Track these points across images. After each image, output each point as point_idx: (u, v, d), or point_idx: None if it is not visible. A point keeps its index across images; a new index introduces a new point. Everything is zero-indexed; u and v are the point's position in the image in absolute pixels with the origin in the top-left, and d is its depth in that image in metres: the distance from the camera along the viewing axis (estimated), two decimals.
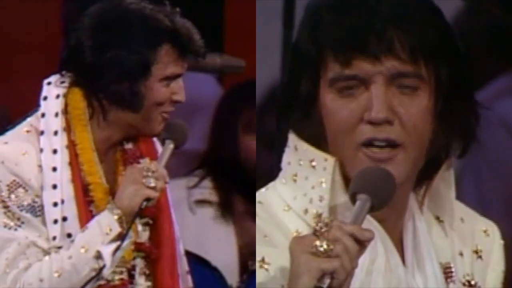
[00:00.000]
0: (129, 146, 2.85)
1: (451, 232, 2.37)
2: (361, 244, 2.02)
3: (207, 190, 4.66)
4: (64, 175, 2.71)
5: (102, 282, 2.69)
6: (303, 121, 2.26)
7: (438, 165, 2.29)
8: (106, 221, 2.65)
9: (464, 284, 2.35)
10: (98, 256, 2.62)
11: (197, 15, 5.19)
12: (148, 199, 2.66)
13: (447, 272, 2.32)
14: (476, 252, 2.40)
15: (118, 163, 2.82)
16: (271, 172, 2.42)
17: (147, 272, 2.84)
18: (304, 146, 2.27)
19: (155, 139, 2.94)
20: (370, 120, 2.16)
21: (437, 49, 2.19)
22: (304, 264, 1.99)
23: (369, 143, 2.18)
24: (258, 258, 2.21)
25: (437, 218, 2.37)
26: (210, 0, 5.41)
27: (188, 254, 4.24)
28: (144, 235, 2.83)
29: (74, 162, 2.74)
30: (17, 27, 5.32)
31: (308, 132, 2.27)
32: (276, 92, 4.79)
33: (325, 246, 1.98)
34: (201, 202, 4.67)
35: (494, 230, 2.46)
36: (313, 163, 2.25)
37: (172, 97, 2.76)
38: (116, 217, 2.65)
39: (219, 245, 4.60)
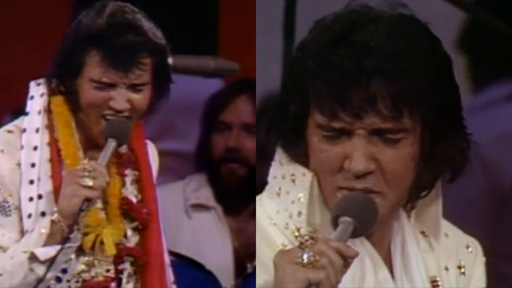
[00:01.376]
0: (123, 149, 2.86)
1: (437, 247, 2.36)
2: (345, 260, 2.02)
3: (203, 194, 4.68)
4: (43, 171, 2.73)
5: (86, 278, 2.75)
6: (291, 143, 2.26)
7: (423, 195, 2.28)
8: (44, 223, 2.64)
9: None
10: (32, 257, 2.60)
11: (191, 17, 5.22)
12: (88, 200, 2.62)
13: (434, 286, 2.32)
14: (459, 267, 2.39)
15: (111, 165, 2.83)
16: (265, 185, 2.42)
17: (135, 277, 2.85)
18: (287, 161, 2.27)
19: (149, 143, 2.96)
20: (350, 171, 2.14)
21: (424, 96, 2.13)
22: (290, 274, 1.98)
23: (348, 190, 2.17)
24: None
25: (422, 232, 2.36)
26: (205, 3, 5.42)
27: (183, 257, 4.30)
28: (133, 239, 2.85)
29: (56, 159, 2.76)
30: None
31: (295, 154, 2.27)
32: (270, 103, 4.83)
33: (311, 257, 1.98)
34: (197, 206, 4.67)
35: (476, 246, 2.44)
36: (293, 177, 2.25)
37: (109, 103, 2.73)
38: (52, 218, 2.63)
39: (214, 249, 4.60)
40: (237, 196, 4.61)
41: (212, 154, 4.69)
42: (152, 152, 3.00)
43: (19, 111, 2.94)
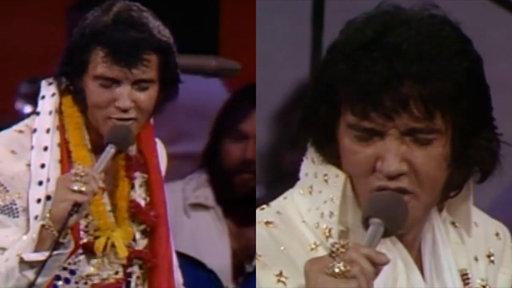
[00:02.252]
0: (133, 152, 2.86)
1: (467, 238, 2.35)
2: (376, 267, 2.00)
3: (202, 193, 4.67)
4: (52, 172, 2.72)
5: (96, 280, 2.75)
6: (322, 144, 2.25)
7: (454, 195, 2.27)
8: (36, 227, 2.62)
9: None
10: (22, 261, 2.59)
11: (192, 17, 5.20)
12: (77, 204, 2.57)
13: (465, 279, 2.30)
14: (488, 256, 2.38)
15: (120, 168, 2.84)
16: (295, 172, 2.38)
17: (144, 280, 2.86)
18: (320, 160, 2.26)
19: (158, 141, 2.96)
20: (382, 172, 2.13)
21: (455, 98, 2.14)
22: (321, 284, 1.96)
23: (382, 190, 2.15)
24: (275, 271, 2.17)
25: (453, 223, 2.35)
26: (206, 2, 5.42)
27: (184, 256, 4.30)
28: (142, 243, 2.85)
29: (66, 160, 2.76)
30: None
31: (326, 155, 2.26)
32: (302, 93, 4.80)
33: (342, 268, 1.95)
34: (196, 205, 4.67)
35: (505, 232, 2.43)
36: (326, 178, 2.24)
37: (114, 103, 2.71)
38: (42, 222, 2.59)
39: (213, 248, 4.60)
40: (244, 204, 4.55)
41: (226, 163, 4.64)
42: (161, 152, 3.00)
43: (35, 79, 2.91)
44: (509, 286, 2.41)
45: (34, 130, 2.76)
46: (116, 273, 2.79)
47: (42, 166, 2.72)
